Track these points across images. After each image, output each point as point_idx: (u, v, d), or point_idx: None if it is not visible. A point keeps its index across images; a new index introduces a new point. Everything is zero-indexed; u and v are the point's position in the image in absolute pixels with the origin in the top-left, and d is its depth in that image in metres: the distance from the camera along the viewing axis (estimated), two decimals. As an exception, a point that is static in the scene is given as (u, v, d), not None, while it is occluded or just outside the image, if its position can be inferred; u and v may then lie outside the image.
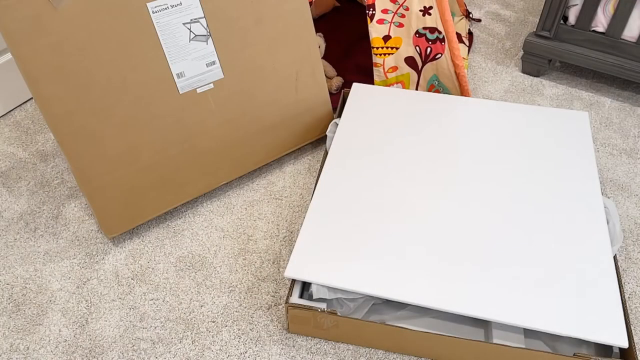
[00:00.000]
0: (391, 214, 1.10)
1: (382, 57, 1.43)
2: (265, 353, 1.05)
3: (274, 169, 1.41)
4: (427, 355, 1.04)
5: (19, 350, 1.07)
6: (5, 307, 1.14)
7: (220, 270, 1.19)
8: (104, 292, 1.16)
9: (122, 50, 1.10)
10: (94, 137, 1.12)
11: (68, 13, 1.03)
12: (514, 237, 1.05)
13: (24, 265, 1.21)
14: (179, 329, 1.09)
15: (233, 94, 1.26)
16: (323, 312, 1.00)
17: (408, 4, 1.38)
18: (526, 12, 1.97)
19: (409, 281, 0.99)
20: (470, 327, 1.05)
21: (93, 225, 1.29)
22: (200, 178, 1.28)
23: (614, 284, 0.98)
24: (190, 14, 1.15)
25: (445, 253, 1.03)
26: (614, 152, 1.45)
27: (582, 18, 1.50)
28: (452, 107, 1.34)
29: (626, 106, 1.58)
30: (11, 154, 1.47)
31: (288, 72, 1.32)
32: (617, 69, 1.51)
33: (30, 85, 1.04)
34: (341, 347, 1.06)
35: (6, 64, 1.54)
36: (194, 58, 1.18)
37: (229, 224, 1.28)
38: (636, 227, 1.26)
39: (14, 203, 1.34)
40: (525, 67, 1.69)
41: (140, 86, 1.14)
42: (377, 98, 1.36)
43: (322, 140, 1.47)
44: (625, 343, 0.91)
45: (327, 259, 1.03)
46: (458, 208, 1.11)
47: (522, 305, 0.96)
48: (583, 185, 1.15)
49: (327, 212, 1.11)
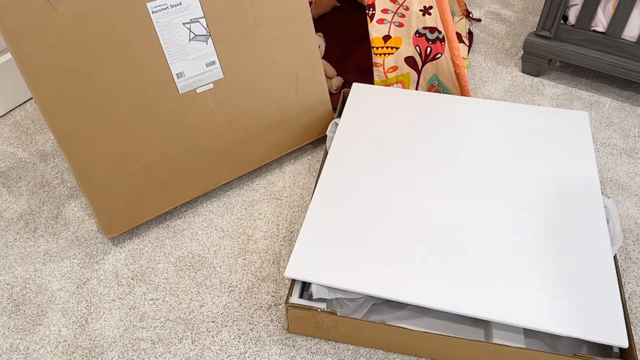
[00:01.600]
0: (391, 213, 1.10)
1: (382, 57, 1.43)
2: (265, 353, 1.05)
3: (274, 169, 1.41)
4: (427, 355, 1.04)
5: (19, 350, 1.07)
6: (5, 307, 1.14)
7: (220, 270, 1.19)
8: (104, 292, 1.16)
9: (122, 50, 1.10)
10: (94, 137, 1.12)
11: (68, 13, 1.03)
12: (514, 237, 1.05)
13: (24, 265, 1.21)
14: (179, 329, 1.09)
15: (233, 94, 1.26)
16: (323, 312, 1.00)
17: (408, 4, 1.38)
18: (526, 12, 1.97)
19: (409, 281, 0.99)
20: (470, 327, 1.05)
21: (93, 225, 1.29)
22: (200, 178, 1.28)
23: (614, 284, 0.98)
24: (190, 14, 1.15)
25: (445, 253, 1.03)
26: (614, 152, 1.45)
27: (582, 18, 1.50)
28: (452, 107, 1.34)
29: (626, 106, 1.58)
30: (11, 154, 1.47)
31: (288, 72, 1.32)
32: (617, 69, 1.51)
33: (30, 85, 1.04)
34: (341, 347, 1.06)
35: (6, 64, 1.54)
36: (193, 58, 1.18)
37: (229, 224, 1.28)
38: (636, 227, 1.26)
39: (14, 203, 1.34)
40: (525, 67, 1.69)
41: (140, 86, 1.14)
42: (377, 98, 1.36)
43: (322, 140, 1.47)
44: (625, 343, 0.91)
45: (327, 259, 1.03)
46: (458, 208, 1.11)
47: (522, 305, 0.96)
48: (583, 185, 1.15)
49: (327, 212, 1.11)
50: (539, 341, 1.02)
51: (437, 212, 1.10)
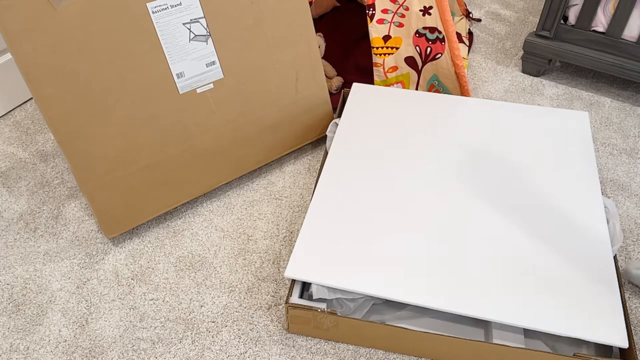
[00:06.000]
0: (391, 213, 1.10)
1: (382, 57, 1.43)
2: (265, 353, 1.05)
3: (274, 169, 1.41)
4: (427, 355, 1.04)
5: (19, 351, 1.07)
6: (5, 307, 1.14)
7: (220, 270, 1.19)
8: (104, 292, 1.16)
9: (122, 50, 1.10)
10: (94, 137, 1.12)
11: (68, 13, 1.03)
12: (514, 237, 1.05)
13: (24, 265, 1.21)
14: (179, 329, 1.09)
15: (233, 94, 1.26)
16: (323, 312, 1.00)
17: (408, 4, 1.38)
18: (526, 12, 1.97)
19: (409, 281, 0.99)
20: (470, 327, 1.05)
21: (93, 225, 1.29)
22: (200, 178, 1.28)
23: (614, 284, 0.98)
24: (190, 14, 1.15)
25: (445, 253, 1.03)
26: (614, 152, 1.45)
27: (582, 18, 1.50)
28: (452, 107, 1.34)
29: (626, 106, 1.58)
30: (11, 154, 1.47)
31: (288, 72, 1.32)
32: (617, 69, 1.51)
33: (30, 85, 1.04)
34: (341, 347, 1.06)
35: (6, 64, 1.54)
36: (193, 58, 1.18)
37: (229, 224, 1.28)
38: (636, 227, 1.26)
39: (14, 203, 1.34)
40: (525, 67, 1.69)
41: (140, 86, 1.14)
42: (377, 98, 1.36)
43: (322, 140, 1.47)
44: (625, 343, 0.91)
45: (327, 259, 1.03)
46: (458, 208, 1.11)
47: (522, 305, 0.96)
48: (583, 185, 1.15)
49: (327, 212, 1.11)
50: (539, 341, 1.02)
51: (436, 212, 1.10)
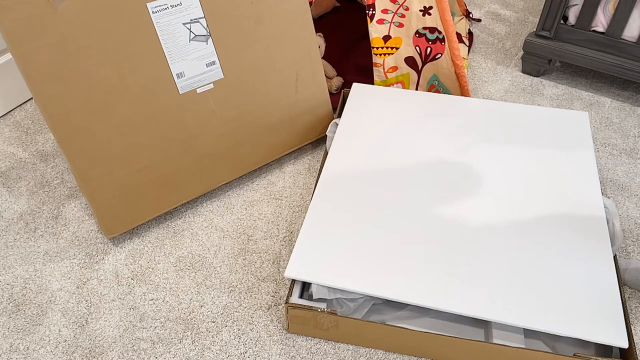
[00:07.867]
0: (391, 213, 1.10)
1: (382, 57, 1.43)
2: (265, 353, 1.05)
3: (274, 169, 1.41)
4: (427, 355, 1.04)
5: (18, 351, 1.07)
6: (5, 307, 1.14)
7: (220, 270, 1.19)
8: (104, 292, 1.16)
9: (122, 50, 1.10)
10: (94, 137, 1.12)
11: (68, 13, 1.03)
12: (513, 237, 1.05)
13: (24, 265, 1.21)
14: (179, 329, 1.09)
15: (233, 94, 1.26)
16: (323, 312, 1.00)
17: (408, 4, 1.38)
18: (526, 12, 1.97)
19: (409, 281, 0.99)
20: (470, 327, 1.05)
21: (93, 225, 1.29)
22: (200, 178, 1.28)
23: (614, 284, 0.98)
24: (190, 14, 1.15)
25: (445, 253, 1.03)
26: (614, 152, 1.45)
27: (582, 18, 1.50)
28: (452, 107, 1.34)
29: (626, 106, 1.58)
30: (11, 154, 1.47)
31: (288, 72, 1.32)
32: (617, 69, 1.51)
33: (30, 85, 1.04)
34: (341, 347, 1.06)
35: (6, 64, 1.54)
36: (194, 58, 1.18)
37: (229, 224, 1.28)
38: (636, 227, 1.26)
39: (14, 203, 1.34)
40: (525, 67, 1.69)
41: (140, 86, 1.14)
42: (377, 98, 1.36)
43: (322, 140, 1.47)
44: (625, 343, 0.91)
45: (327, 259, 1.03)
46: (458, 208, 1.11)
47: (522, 305, 0.96)
48: (583, 185, 1.15)
49: (327, 212, 1.11)
50: (539, 341, 1.02)
51: (437, 212, 1.10)
